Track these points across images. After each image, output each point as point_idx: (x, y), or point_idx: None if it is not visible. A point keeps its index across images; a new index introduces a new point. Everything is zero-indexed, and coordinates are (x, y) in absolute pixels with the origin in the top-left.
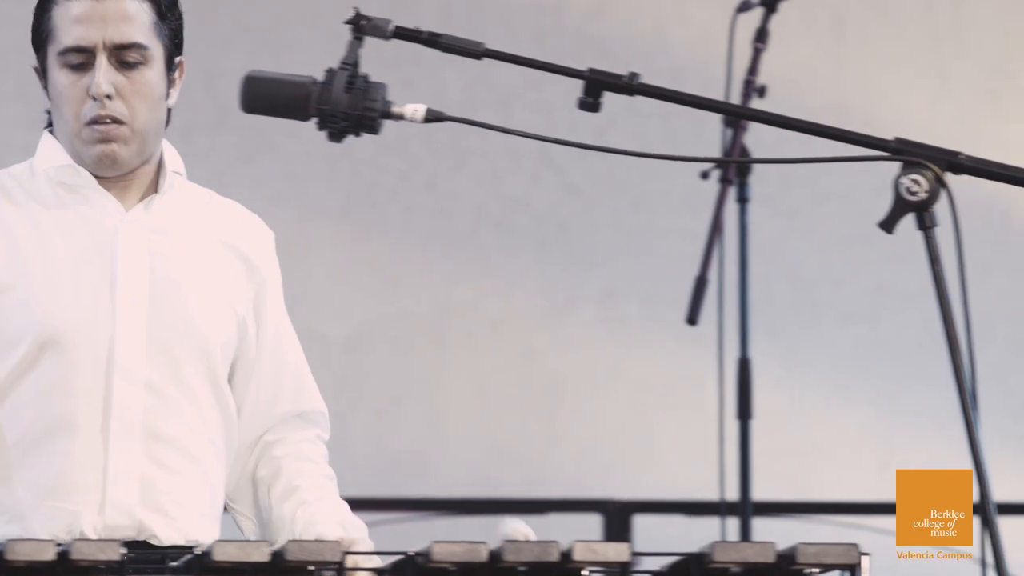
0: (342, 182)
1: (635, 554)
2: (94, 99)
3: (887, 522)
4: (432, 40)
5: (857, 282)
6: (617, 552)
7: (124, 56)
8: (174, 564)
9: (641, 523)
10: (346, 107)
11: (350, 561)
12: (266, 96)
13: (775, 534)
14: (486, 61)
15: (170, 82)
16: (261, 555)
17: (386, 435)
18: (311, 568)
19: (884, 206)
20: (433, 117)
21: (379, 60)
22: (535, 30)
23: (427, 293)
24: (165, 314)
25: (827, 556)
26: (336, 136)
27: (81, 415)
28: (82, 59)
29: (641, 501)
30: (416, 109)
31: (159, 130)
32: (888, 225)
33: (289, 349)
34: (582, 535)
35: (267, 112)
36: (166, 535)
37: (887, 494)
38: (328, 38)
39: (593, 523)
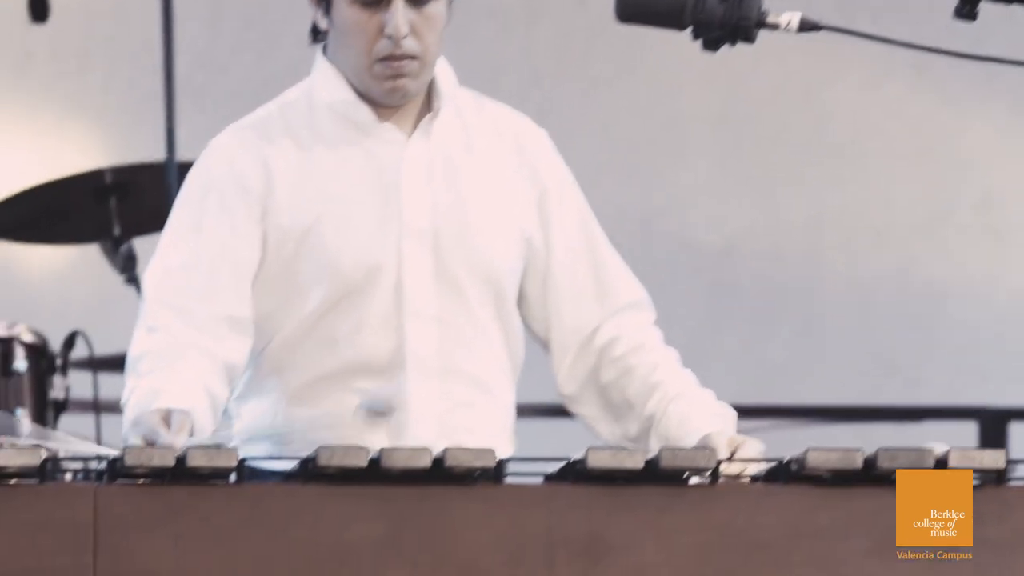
0: (717, 91)
1: (1010, 462)
2: (388, 38)
3: None
4: None
5: None
6: (993, 459)
7: None
8: (550, 472)
9: (1017, 431)
10: (721, 17)
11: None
12: (642, 5)
13: None
14: None
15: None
16: (635, 463)
17: (762, 343)
18: (685, 475)
19: None
20: (808, 26)
21: None
22: None
23: (803, 201)
24: (450, 245)
25: None
26: (711, 45)
27: (377, 356)
28: None
29: (1018, 409)
30: (791, 18)
31: (438, 56)
32: None
33: (583, 248)
34: (958, 442)
35: (642, 21)
36: None
37: None
38: None
39: (969, 431)
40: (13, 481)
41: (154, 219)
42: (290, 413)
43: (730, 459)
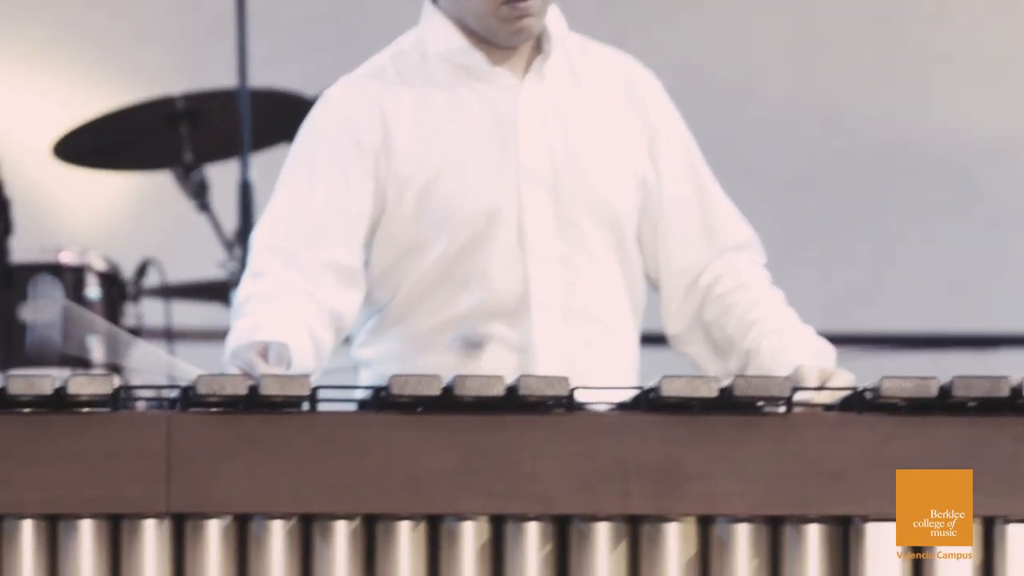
0: (788, 19)
1: None
2: None
3: None
4: None
5: None
6: None
7: None
8: (623, 400)
9: None
10: None
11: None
12: None
13: None
14: None
15: None
16: (709, 391)
17: (832, 270)
18: (760, 404)
19: None
20: None
21: None
22: None
23: (874, 127)
24: (569, 188)
25: None
26: None
27: (502, 300)
28: None
29: None
30: None
31: None
32: None
33: (692, 189)
34: None
35: None
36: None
37: None
38: None
39: None
40: (86, 409)
41: (226, 146)
42: (416, 361)
43: (805, 388)
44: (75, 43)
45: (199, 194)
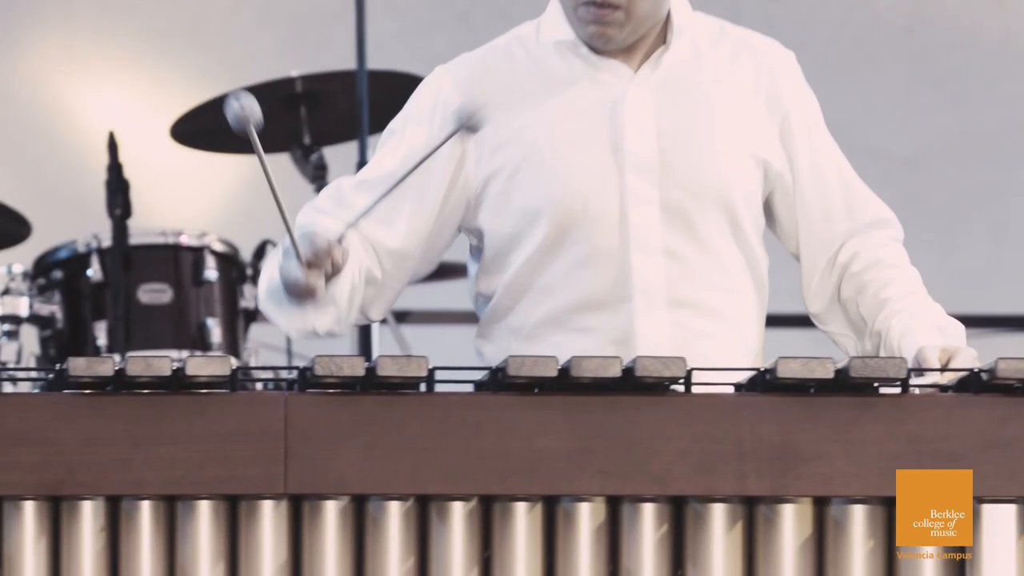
0: None
1: None
2: None
3: None
4: None
5: None
6: None
7: None
8: (738, 381)
9: None
10: None
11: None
12: None
13: None
14: None
15: None
16: (825, 372)
17: (950, 251)
18: (876, 385)
19: None
20: None
21: None
22: None
23: (993, 109)
24: (677, 175)
25: None
26: None
27: (602, 291)
28: None
29: None
30: None
31: (657, 8)
32: None
33: (828, 169)
34: None
35: None
36: None
37: None
38: None
39: None
40: (204, 391)
41: (344, 128)
42: (523, 352)
43: (926, 369)
44: (194, 25)
45: (318, 176)
